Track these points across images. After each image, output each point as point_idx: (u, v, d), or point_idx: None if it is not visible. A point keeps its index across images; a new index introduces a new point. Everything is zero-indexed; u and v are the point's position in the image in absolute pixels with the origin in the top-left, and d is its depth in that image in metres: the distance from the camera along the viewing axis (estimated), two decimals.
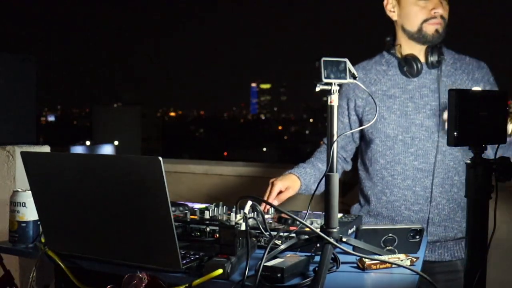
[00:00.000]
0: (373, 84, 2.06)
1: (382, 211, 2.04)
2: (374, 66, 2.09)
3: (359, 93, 2.07)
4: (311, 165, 2.07)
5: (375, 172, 2.05)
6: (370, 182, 2.08)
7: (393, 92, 2.02)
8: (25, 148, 2.54)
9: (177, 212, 1.75)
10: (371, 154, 2.07)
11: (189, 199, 2.19)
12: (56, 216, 1.49)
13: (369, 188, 2.09)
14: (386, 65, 2.07)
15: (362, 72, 2.08)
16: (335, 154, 1.44)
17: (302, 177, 1.99)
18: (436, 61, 1.97)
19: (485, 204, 1.28)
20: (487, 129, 1.28)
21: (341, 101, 2.11)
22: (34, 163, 1.48)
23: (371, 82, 2.06)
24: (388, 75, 2.05)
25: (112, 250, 1.42)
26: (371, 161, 2.07)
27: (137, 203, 1.34)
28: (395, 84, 2.02)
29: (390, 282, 1.36)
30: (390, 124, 2.01)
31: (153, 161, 1.27)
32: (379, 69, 2.07)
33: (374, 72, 2.07)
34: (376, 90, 2.04)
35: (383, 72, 2.06)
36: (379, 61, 2.10)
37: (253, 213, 1.63)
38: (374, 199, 2.06)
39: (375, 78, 2.06)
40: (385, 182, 2.03)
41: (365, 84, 2.04)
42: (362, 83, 1.98)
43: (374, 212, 2.07)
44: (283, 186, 1.91)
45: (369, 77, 2.07)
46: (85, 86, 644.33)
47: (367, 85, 2.04)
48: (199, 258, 1.39)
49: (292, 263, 1.33)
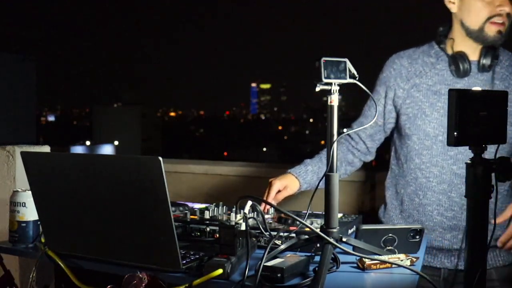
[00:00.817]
0: (418, 75, 1.91)
1: (413, 213, 1.94)
2: (421, 57, 1.94)
3: (401, 82, 1.94)
4: (316, 161, 1.98)
5: (409, 170, 1.94)
6: (403, 180, 1.97)
7: (439, 88, 1.88)
8: (25, 148, 2.54)
9: (177, 212, 1.75)
10: (406, 151, 1.95)
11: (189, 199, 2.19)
12: (56, 216, 1.49)
13: (402, 186, 1.98)
14: (435, 57, 1.92)
15: (407, 61, 1.94)
16: (335, 154, 1.44)
17: (301, 176, 1.94)
18: (488, 65, 1.83)
19: (485, 204, 1.28)
20: (487, 129, 1.28)
21: (379, 87, 2.00)
22: (34, 163, 1.48)
23: (416, 73, 1.92)
24: (435, 69, 1.90)
25: (112, 250, 1.42)
26: (406, 158, 1.95)
27: (137, 203, 1.34)
28: (442, 80, 1.88)
29: (390, 282, 1.36)
30: (431, 122, 1.87)
31: (153, 161, 1.27)
32: (426, 60, 1.92)
33: (421, 63, 1.93)
34: (420, 83, 1.90)
35: (430, 65, 1.91)
36: (428, 51, 1.94)
37: (253, 213, 1.63)
38: (407, 199, 1.96)
39: (420, 70, 1.91)
40: (419, 183, 1.91)
41: (409, 74, 1.92)
42: (406, 73, 1.93)
43: (406, 213, 1.96)
44: (281, 186, 1.90)
45: (414, 68, 1.93)
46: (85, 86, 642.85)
47: (411, 76, 1.92)
48: (199, 258, 1.39)
49: (292, 263, 1.33)
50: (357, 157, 2.07)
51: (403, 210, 1.97)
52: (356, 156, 2.07)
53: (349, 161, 2.06)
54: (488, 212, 1.28)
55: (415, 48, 1.98)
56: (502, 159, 1.26)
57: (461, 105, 1.24)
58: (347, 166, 2.07)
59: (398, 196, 2.00)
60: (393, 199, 2.03)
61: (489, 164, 1.27)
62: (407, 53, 1.97)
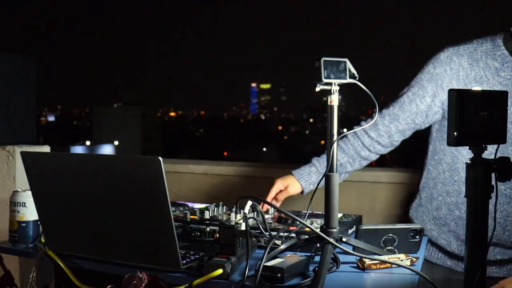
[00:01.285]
0: (478, 81, 1.66)
1: (451, 223, 1.82)
2: (484, 58, 1.67)
3: (458, 86, 1.69)
4: (323, 161, 1.86)
5: (453, 182, 1.79)
6: (444, 188, 1.81)
7: None
8: (25, 148, 2.54)
9: (177, 212, 1.75)
10: (451, 161, 1.77)
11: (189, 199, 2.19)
12: (56, 216, 1.49)
13: (440, 193, 1.83)
14: (501, 61, 1.65)
15: (467, 61, 1.68)
16: (335, 154, 1.44)
17: (303, 179, 1.90)
18: None
19: (485, 204, 1.28)
20: (487, 129, 1.28)
21: (427, 83, 1.76)
22: (34, 163, 1.48)
23: (476, 78, 1.67)
24: (499, 77, 1.65)
25: (112, 250, 1.42)
26: (450, 167, 1.78)
27: (137, 203, 1.34)
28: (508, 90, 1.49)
29: (390, 282, 1.36)
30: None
31: (153, 161, 1.27)
32: (490, 64, 1.66)
33: (482, 66, 1.67)
34: None
35: (494, 70, 1.65)
36: (492, 52, 1.66)
37: (253, 213, 1.63)
38: (445, 208, 1.82)
39: (482, 75, 1.66)
40: (462, 198, 1.69)
41: (467, 78, 1.68)
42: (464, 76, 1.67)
43: (442, 221, 1.84)
44: (282, 186, 1.91)
45: (475, 72, 1.67)
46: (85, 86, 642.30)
47: (469, 81, 1.68)
48: (199, 258, 1.39)
49: (292, 263, 1.33)
50: (375, 152, 1.91)
51: (439, 218, 1.85)
52: (374, 152, 1.91)
53: (364, 157, 1.92)
54: (488, 212, 1.28)
55: (476, 43, 1.70)
56: (502, 159, 1.26)
57: (461, 105, 1.24)
58: (362, 161, 1.94)
59: (434, 201, 1.86)
60: (428, 202, 1.89)
61: (489, 164, 1.27)
62: (467, 51, 1.70)
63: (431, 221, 1.88)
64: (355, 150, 1.91)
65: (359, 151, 1.91)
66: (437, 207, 1.86)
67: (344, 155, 1.91)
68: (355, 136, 1.90)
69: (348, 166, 1.93)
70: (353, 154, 1.91)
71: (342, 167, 1.92)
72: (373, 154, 1.93)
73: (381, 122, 1.86)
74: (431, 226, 1.88)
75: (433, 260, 1.92)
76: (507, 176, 1.26)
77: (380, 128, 1.87)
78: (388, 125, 1.86)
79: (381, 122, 1.86)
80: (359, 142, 1.91)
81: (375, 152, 1.92)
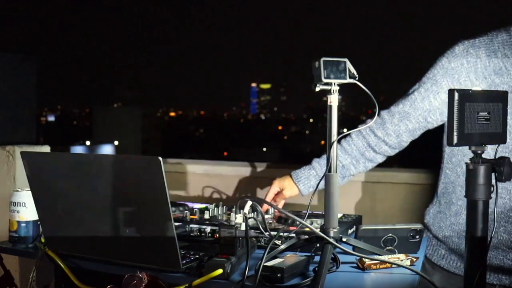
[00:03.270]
0: (498, 73, 1.60)
1: None
2: (502, 48, 1.60)
3: (477, 80, 1.62)
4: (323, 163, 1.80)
5: None
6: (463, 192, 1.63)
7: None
8: (25, 148, 2.54)
9: (177, 212, 1.75)
10: None
11: (189, 199, 2.19)
12: (56, 216, 1.49)
13: (459, 197, 1.72)
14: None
15: (485, 52, 1.61)
16: (335, 154, 1.44)
17: (301, 182, 1.85)
18: None
19: (485, 204, 1.28)
20: (487, 129, 1.28)
21: (441, 78, 1.68)
22: (34, 163, 1.48)
23: (495, 70, 1.60)
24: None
25: (112, 250, 1.42)
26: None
27: (137, 203, 1.34)
28: None
29: (390, 282, 1.36)
30: (511, 132, 1.57)
31: (153, 161, 1.27)
32: (508, 53, 1.59)
33: (501, 57, 1.60)
34: (501, 83, 1.59)
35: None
36: (509, 42, 1.59)
37: (253, 213, 1.63)
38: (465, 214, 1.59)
39: (501, 66, 1.59)
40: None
41: (487, 71, 1.61)
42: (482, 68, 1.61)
43: (461, 227, 1.70)
44: (280, 187, 1.89)
45: (494, 63, 1.60)
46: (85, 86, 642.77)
47: (489, 73, 1.61)
48: (199, 258, 1.39)
49: (292, 263, 1.33)
50: (381, 153, 1.83)
51: (457, 224, 1.74)
52: (380, 152, 1.83)
53: (369, 158, 1.84)
54: (488, 212, 1.28)
55: (491, 35, 1.64)
56: (502, 159, 1.26)
57: (461, 105, 1.24)
58: (367, 163, 1.86)
59: (453, 207, 1.76)
60: (447, 208, 1.78)
61: (489, 164, 1.27)
62: (484, 42, 1.62)
63: (449, 227, 1.77)
64: (359, 150, 1.83)
65: (364, 151, 1.83)
66: (456, 212, 1.75)
67: (347, 156, 1.83)
68: (359, 135, 1.82)
69: (351, 168, 1.84)
70: (357, 155, 1.83)
71: (345, 170, 1.84)
72: (379, 155, 1.85)
73: (390, 120, 1.78)
74: (450, 233, 1.76)
75: (452, 269, 1.79)
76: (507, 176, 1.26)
77: (388, 126, 1.78)
78: (397, 123, 1.77)
79: (390, 120, 1.78)
80: (364, 142, 1.82)
81: (381, 153, 1.84)
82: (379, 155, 1.85)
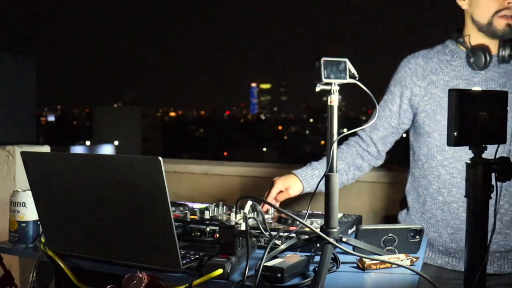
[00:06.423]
0: (434, 73, 1.92)
1: (436, 213, 1.90)
2: (437, 55, 1.95)
3: (418, 81, 1.94)
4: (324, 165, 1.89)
5: (431, 169, 1.91)
6: (425, 180, 1.94)
7: (456, 83, 1.88)
8: (25, 148, 2.54)
9: (177, 212, 1.75)
10: (427, 149, 1.92)
11: (189, 199, 2.19)
12: (56, 216, 1.49)
13: (424, 188, 1.94)
14: (450, 55, 1.93)
15: (422, 60, 1.96)
16: (335, 154, 1.44)
17: (306, 180, 1.91)
18: (508, 55, 1.84)
19: (485, 204, 1.28)
20: (487, 129, 1.28)
21: (394, 87, 2.00)
22: (34, 163, 1.48)
23: (431, 71, 1.93)
24: (451, 65, 1.91)
25: (112, 250, 1.42)
26: (427, 157, 1.92)
27: (137, 203, 1.34)
28: (459, 75, 1.89)
29: (390, 282, 1.36)
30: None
31: (153, 161, 1.27)
32: (441, 58, 1.94)
33: (436, 61, 1.94)
34: (437, 80, 1.91)
35: (446, 62, 1.93)
36: (442, 50, 1.96)
37: (253, 213, 1.63)
38: (429, 199, 1.93)
39: (436, 67, 1.93)
40: (442, 180, 1.88)
41: (425, 72, 1.94)
42: (421, 71, 1.95)
43: (428, 214, 1.92)
44: (283, 187, 1.90)
45: (430, 66, 1.94)
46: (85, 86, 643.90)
47: (427, 74, 1.93)
48: (199, 258, 1.39)
49: (292, 263, 1.33)
50: (367, 161, 2.04)
51: (425, 212, 1.94)
52: (366, 160, 2.03)
53: (358, 166, 2.02)
54: (488, 212, 1.28)
55: (429, 49, 1.99)
56: (502, 159, 1.26)
57: (461, 105, 1.24)
58: (356, 171, 2.03)
59: (420, 198, 1.96)
60: (415, 202, 1.99)
61: (489, 164, 1.27)
62: (422, 53, 1.98)
63: (419, 218, 1.96)
64: (352, 157, 2.02)
65: (355, 158, 2.02)
66: (423, 202, 1.95)
67: (340, 161, 1.99)
68: (348, 144, 2.04)
69: (343, 174, 1.99)
70: (350, 161, 2.01)
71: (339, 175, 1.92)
72: (366, 163, 2.04)
73: (363, 132, 2.04)
74: (420, 223, 1.93)
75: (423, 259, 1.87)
76: (507, 176, 1.26)
77: (364, 138, 2.04)
78: (369, 134, 2.03)
79: (363, 132, 2.04)
80: (353, 150, 2.04)
81: (367, 161, 2.04)
82: (366, 163, 2.05)
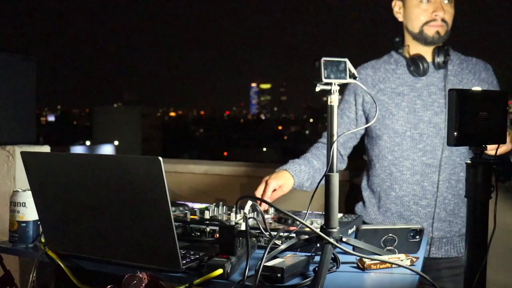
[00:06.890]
0: (382, 81, 2.11)
1: (391, 206, 2.08)
2: (383, 65, 2.15)
3: (368, 89, 2.10)
4: (306, 162, 2.07)
5: (383, 168, 2.09)
6: (378, 178, 2.12)
7: (402, 90, 2.07)
8: (25, 148, 2.54)
9: (177, 212, 1.75)
10: (378, 151, 2.11)
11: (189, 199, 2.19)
12: (56, 216, 1.49)
13: (378, 185, 2.12)
14: (395, 64, 2.13)
15: (371, 70, 2.14)
16: (335, 154, 1.44)
17: (296, 175, 1.99)
18: (442, 61, 2.03)
19: (485, 204, 1.28)
20: (487, 129, 1.28)
21: (348, 96, 2.18)
22: (34, 163, 1.48)
23: (380, 79, 2.12)
24: (396, 74, 2.11)
25: (112, 250, 1.42)
26: (378, 158, 2.11)
27: (137, 203, 1.34)
28: (403, 82, 2.08)
29: (390, 282, 1.36)
30: (398, 120, 2.05)
31: (153, 161, 1.27)
32: (388, 68, 2.13)
33: (383, 71, 2.13)
34: (385, 88, 2.09)
35: (391, 71, 2.12)
36: (388, 60, 2.16)
37: (253, 213, 1.63)
38: (383, 195, 2.10)
39: (383, 76, 2.12)
40: (394, 177, 2.07)
41: (374, 81, 2.12)
42: (371, 81, 2.13)
43: (384, 208, 2.10)
44: (277, 185, 1.91)
45: (378, 75, 2.13)
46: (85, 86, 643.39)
47: (376, 83, 2.12)
48: (199, 258, 1.39)
49: (292, 263, 1.33)
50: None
51: (380, 206, 2.12)
52: None
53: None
54: (488, 212, 1.28)
55: (377, 59, 2.19)
56: (502, 159, 1.26)
57: (461, 105, 1.24)
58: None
59: (375, 194, 2.14)
60: (371, 198, 2.17)
61: (489, 164, 1.27)
62: (370, 64, 2.17)
63: (376, 212, 2.13)
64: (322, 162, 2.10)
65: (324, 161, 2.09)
66: (378, 198, 2.13)
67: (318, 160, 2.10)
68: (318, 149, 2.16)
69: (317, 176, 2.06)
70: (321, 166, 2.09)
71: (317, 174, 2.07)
72: None
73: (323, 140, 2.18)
74: (376, 216, 2.12)
75: None
76: (507, 176, 1.26)
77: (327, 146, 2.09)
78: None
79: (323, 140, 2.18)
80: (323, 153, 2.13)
81: None
82: None
